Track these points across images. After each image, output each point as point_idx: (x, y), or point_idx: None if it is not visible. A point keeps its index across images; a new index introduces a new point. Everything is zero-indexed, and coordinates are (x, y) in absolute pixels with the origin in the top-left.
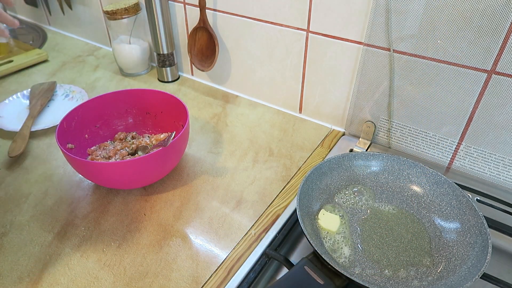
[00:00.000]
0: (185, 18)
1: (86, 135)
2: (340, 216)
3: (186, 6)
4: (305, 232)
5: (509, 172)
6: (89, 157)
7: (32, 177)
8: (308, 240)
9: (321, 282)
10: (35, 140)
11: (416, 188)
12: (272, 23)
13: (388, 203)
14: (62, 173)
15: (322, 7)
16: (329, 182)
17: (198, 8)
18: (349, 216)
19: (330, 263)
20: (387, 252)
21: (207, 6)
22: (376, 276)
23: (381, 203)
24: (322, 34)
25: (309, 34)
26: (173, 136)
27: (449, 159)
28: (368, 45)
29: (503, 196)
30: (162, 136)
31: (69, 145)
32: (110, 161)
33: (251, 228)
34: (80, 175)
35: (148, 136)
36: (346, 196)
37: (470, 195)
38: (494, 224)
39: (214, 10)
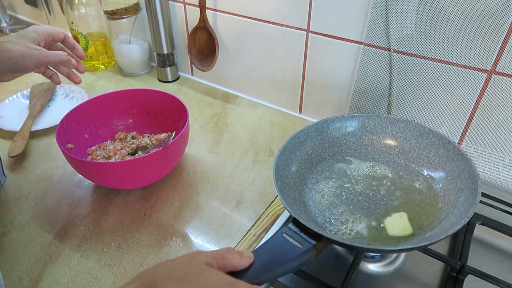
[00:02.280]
0: (185, 18)
1: (86, 135)
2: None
3: (186, 6)
4: (282, 199)
5: (509, 172)
6: (89, 157)
7: (32, 177)
8: (286, 207)
9: (300, 246)
10: (35, 140)
11: (402, 143)
12: (272, 23)
13: (374, 162)
14: (62, 173)
15: (322, 7)
16: (310, 150)
17: (198, 8)
18: (339, 183)
19: (309, 226)
20: (376, 210)
21: (207, 6)
22: (363, 231)
23: (368, 163)
24: (322, 34)
25: (309, 34)
26: (173, 136)
27: None
28: (368, 45)
29: (503, 196)
30: (162, 136)
31: (69, 145)
32: (110, 161)
33: (251, 228)
34: (80, 175)
35: (148, 136)
36: (333, 165)
37: (456, 141)
38: (494, 224)
39: (214, 10)
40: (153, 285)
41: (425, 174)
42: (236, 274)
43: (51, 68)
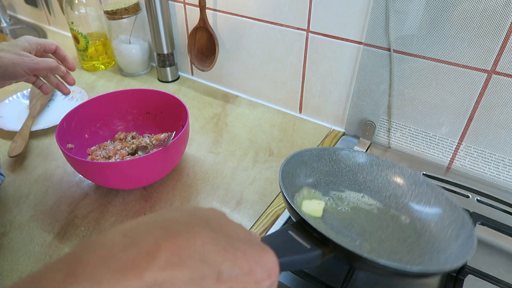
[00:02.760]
0: (185, 18)
1: (86, 135)
2: (323, 202)
3: (186, 6)
4: (289, 201)
5: (509, 172)
6: (89, 157)
7: (32, 177)
8: (293, 208)
9: (308, 246)
10: (35, 140)
11: (394, 188)
12: (272, 23)
13: (368, 199)
14: (62, 173)
15: (322, 7)
16: (308, 172)
17: (198, 8)
18: (330, 208)
19: (316, 228)
20: (368, 241)
21: (207, 6)
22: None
23: (360, 201)
24: (322, 34)
25: (309, 34)
26: (173, 136)
27: (449, 159)
28: (368, 45)
29: (503, 196)
30: (162, 136)
31: (69, 145)
32: (110, 161)
33: (251, 228)
34: (80, 175)
35: (148, 136)
36: (325, 191)
37: (448, 193)
38: (494, 224)
39: (214, 10)
40: (173, 226)
41: (414, 218)
42: None
43: (41, 78)
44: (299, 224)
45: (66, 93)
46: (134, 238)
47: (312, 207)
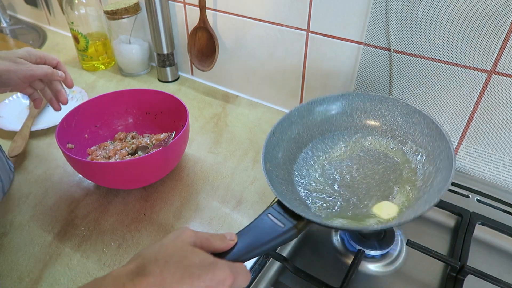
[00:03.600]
0: (185, 18)
1: (86, 135)
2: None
3: (186, 6)
4: (267, 180)
5: (509, 172)
6: (89, 157)
7: (32, 177)
8: (270, 187)
9: (282, 225)
10: (35, 140)
11: (390, 121)
12: (272, 23)
13: (362, 137)
14: (62, 173)
15: (322, 7)
16: (300, 130)
17: (198, 8)
18: (327, 161)
19: (290, 207)
20: (360, 189)
21: (207, 6)
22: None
23: (357, 142)
24: (322, 34)
25: (309, 34)
26: (173, 136)
27: None
28: (368, 45)
29: (503, 196)
30: (162, 136)
31: (69, 145)
32: (110, 161)
33: None
34: (80, 175)
35: (148, 136)
36: (322, 143)
37: (438, 122)
38: (494, 224)
39: (214, 10)
40: (144, 268)
41: (410, 151)
42: (219, 254)
43: (38, 91)
44: (279, 205)
45: (57, 109)
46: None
47: (388, 210)
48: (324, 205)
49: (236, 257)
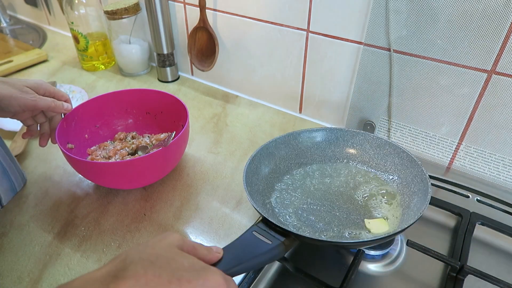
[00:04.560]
0: (185, 18)
1: (86, 135)
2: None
3: (186, 6)
4: (252, 201)
5: (509, 172)
6: (89, 157)
7: (32, 177)
8: (256, 208)
9: (269, 242)
10: (35, 140)
11: (362, 154)
12: (272, 23)
13: (336, 172)
14: (62, 173)
15: (322, 7)
16: (277, 161)
17: (198, 8)
18: (301, 189)
19: (278, 224)
20: (334, 218)
21: (207, 6)
22: (323, 234)
23: (329, 176)
24: (322, 34)
25: (309, 34)
26: (173, 136)
27: (449, 159)
28: (368, 45)
29: (503, 196)
30: (162, 136)
31: (69, 145)
32: (110, 161)
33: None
34: (80, 175)
35: (148, 136)
36: (297, 174)
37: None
38: (494, 224)
39: (214, 10)
40: (124, 269)
41: (383, 179)
42: None
43: (38, 125)
44: (263, 223)
45: (42, 145)
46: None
47: (379, 228)
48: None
49: (225, 269)
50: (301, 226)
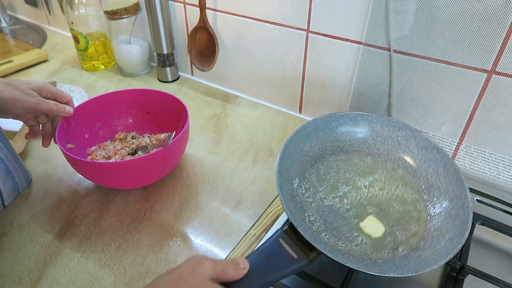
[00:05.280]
0: (185, 18)
1: (86, 135)
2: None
3: (186, 6)
4: (282, 200)
5: (509, 172)
6: (89, 157)
7: (32, 177)
8: (285, 209)
9: (295, 255)
10: (35, 140)
11: (404, 152)
12: (272, 23)
13: (373, 169)
14: (62, 173)
15: (322, 7)
16: (313, 144)
17: (198, 8)
18: (331, 187)
19: (304, 235)
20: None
21: (207, 6)
22: (349, 247)
23: (365, 174)
24: (322, 34)
25: (309, 34)
26: (173, 136)
27: None
28: (368, 45)
29: (503, 196)
30: (162, 136)
31: (69, 145)
32: (110, 161)
33: (251, 228)
34: (80, 175)
35: (148, 136)
36: (331, 164)
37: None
38: (494, 224)
39: (214, 10)
40: None
41: (421, 188)
42: (229, 283)
43: (40, 125)
44: (291, 228)
45: (45, 145)
46: None
47: (373, 229)
48: (329, 237)
49: (245, 286)
50: (326, 233)
